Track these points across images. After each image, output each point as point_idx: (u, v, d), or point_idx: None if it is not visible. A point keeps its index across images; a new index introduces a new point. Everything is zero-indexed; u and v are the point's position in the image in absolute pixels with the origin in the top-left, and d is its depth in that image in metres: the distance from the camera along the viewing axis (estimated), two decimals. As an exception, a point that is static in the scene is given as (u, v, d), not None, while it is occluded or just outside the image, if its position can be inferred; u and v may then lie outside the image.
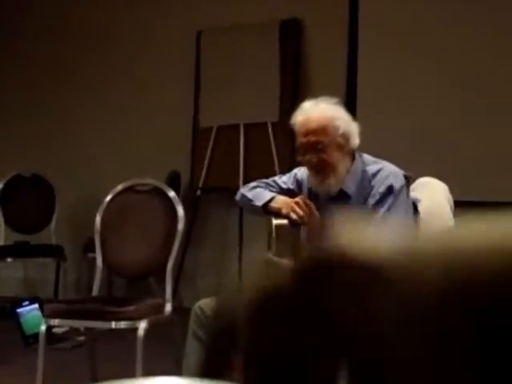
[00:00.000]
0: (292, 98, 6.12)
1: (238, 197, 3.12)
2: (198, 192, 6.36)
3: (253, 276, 0.52)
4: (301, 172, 3.03)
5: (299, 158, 2.88)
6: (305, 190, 2.96)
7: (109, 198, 3.82)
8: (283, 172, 5.82)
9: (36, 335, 3.70)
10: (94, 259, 5.99)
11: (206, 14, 6.45)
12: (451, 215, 2.80)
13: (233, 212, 6.11)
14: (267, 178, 3.10)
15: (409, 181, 2.83)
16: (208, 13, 6.44)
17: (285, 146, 5.82)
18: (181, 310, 3.63)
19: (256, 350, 0.48)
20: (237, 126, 6.20)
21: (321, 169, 2.81)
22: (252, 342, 0.49)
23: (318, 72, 6.21)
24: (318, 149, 2.78)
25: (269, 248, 2.89)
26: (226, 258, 6.37)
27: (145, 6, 6.79)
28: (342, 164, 2.82)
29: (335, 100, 2.88)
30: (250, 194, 3.00)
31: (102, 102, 6.90)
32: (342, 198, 2.83)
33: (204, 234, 6.44)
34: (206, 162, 6.31)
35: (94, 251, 5.94)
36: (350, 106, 5.94)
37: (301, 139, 2.83)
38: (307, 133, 2.80)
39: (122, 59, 6.84)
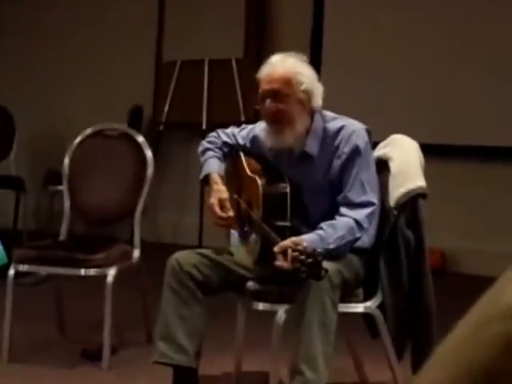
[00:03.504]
0: (257, 36, 6.08)
1: (199, 149, 3.10)
2: (161, 127, 6.31)
3: None
4: (260, 128, 2.99)
5: (259, 106, 2.83)
6: (261, 150, 2.93)
7: (77, 140, 3.75)
8: (247, 109, 5.83)
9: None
10: (54, 192, 6.01)
11: None
12: (422, 175, 2.82)
13: (194, 147, 6.07)
14: (230, 115, 2.88)
15: (370, 134, 2.81)
16: None
17: (249, 84, 5.79)
18: (141, 244, 3.56)
19: None
20: (201, 62, 6.12)
21: (278, 118, 2.76)
22: None
23: (284, 11, 6.16)
24: (278, 98, 2.74)
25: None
26: (187, 193, 6.39)
27: None
28: (301, 120, 2.77)
29: (304, 58, 2.84)
30: (202, 158, 3.02)
31: (68, 40, 6.82)
32: (305, 159, 2.80)
33: (166, 168, 6.42)
34: (169, 96, 6.24)
35: (54, 184, 5.93)
36: (316, 48, 5.92)
37: (263, 86, 2.80)
38: (270, 81, 2.77)
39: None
